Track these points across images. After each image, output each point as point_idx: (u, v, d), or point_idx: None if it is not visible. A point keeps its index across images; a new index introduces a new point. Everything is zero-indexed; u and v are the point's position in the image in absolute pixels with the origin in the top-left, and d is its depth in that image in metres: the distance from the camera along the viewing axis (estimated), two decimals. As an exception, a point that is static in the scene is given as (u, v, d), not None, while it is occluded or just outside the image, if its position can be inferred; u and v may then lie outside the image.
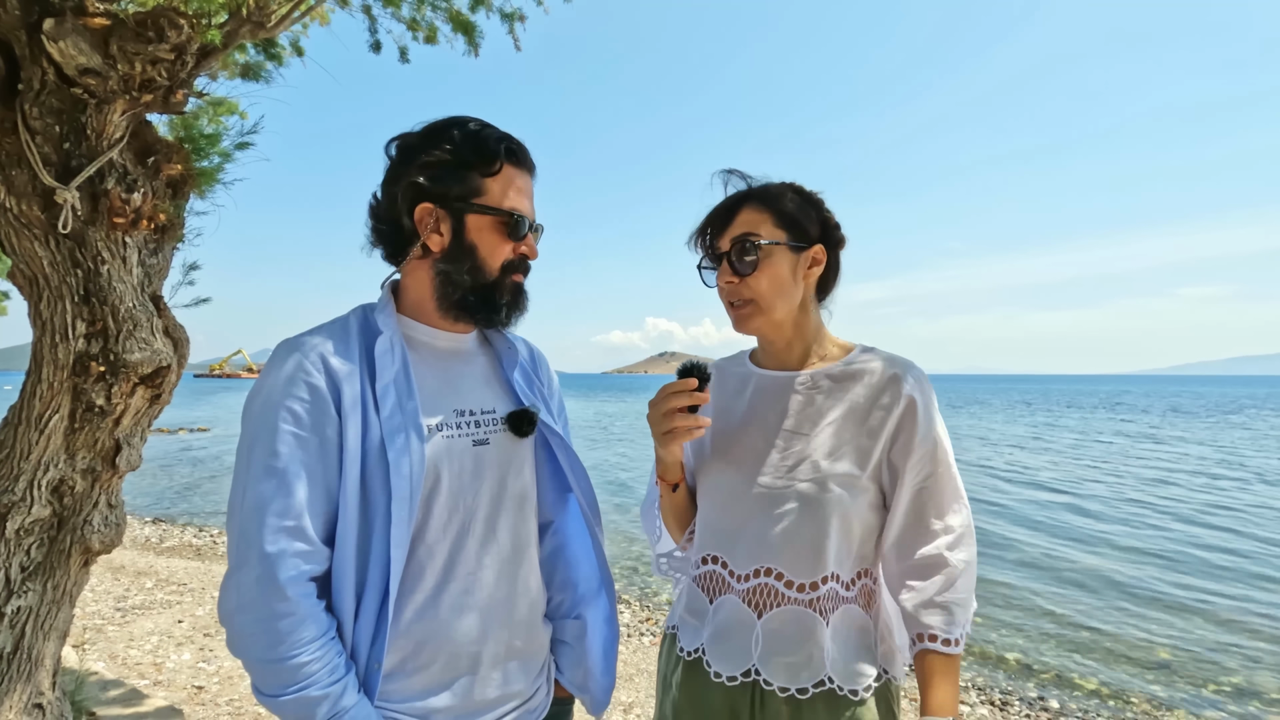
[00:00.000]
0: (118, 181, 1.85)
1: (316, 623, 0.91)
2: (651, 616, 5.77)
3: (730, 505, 1.19)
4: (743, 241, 1.15)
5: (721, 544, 1.20)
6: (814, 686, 1.10)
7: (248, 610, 0.89)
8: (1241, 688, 4.70)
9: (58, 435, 1.88)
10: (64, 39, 1.59)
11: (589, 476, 1.25)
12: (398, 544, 0.96)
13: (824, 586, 1.12)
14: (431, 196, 1.06)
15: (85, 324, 1.85)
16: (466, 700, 1.04)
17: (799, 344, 1.24)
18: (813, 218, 1.19)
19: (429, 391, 1.07)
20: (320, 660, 0.90)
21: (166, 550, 7.64)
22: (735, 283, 1.16)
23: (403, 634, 1.00)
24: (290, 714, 0.90)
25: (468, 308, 1.10)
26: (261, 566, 0.89)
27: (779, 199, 1.18)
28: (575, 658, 1.22)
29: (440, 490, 1.03)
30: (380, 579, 0.96)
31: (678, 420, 1.09)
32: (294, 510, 0.92)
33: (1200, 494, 12.25)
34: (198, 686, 3.60)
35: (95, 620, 4.69)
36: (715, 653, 1.16)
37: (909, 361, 1.18)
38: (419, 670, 1.02)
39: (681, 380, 1.10)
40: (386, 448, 0.97)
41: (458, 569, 1.05)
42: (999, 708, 4.30)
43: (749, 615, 1.14)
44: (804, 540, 1.11)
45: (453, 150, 1.05)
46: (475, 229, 1.07)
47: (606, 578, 1.26)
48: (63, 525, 1.96)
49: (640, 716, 3.67)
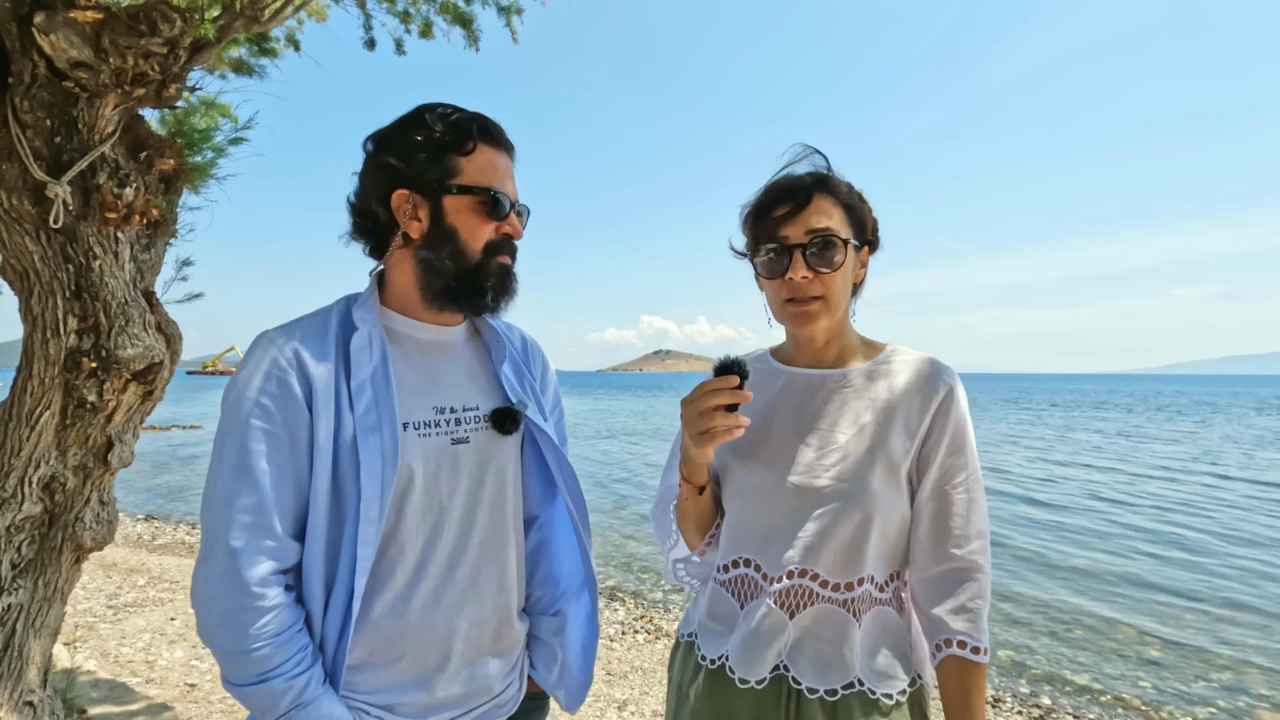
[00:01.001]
0: (109, 176, 1.84)
1: (280, 617, 0.92)
2: (646, 614, 5.77)
3: (763, 506, 1.15)
4: (826, 237, 1.09)
5: (754, 546, 1.15)
6: (844, 688, 1.06)
7: (213, 603, 0.91)
8: (1230, 683, 4.75)
9: (49, 432, 1.87)
10: (55, 32, 1.58)
11: (576, 474, 1.23)
12: (365, 543, 0.96)
13: (859, 588, 1.09)
14: (406, 182, 1.04)
15: (77, 320, 1.84)
16: (433, 694, 1.05)
17: (836, 344, 1.20)
18: (868, 218, 1.17)
19: (408, 388, 1.06)
20: (284, 653, 0.91)
21: (159, 548, 7.61)
22: (810, 278, 1.10)
23: (371, 629, 1.00)
24: (255, 703, 0.92)
25: (452, 295, 1.08)
26: (227, 561, 0.90)
27: (849, 195, 1.14)
28: (550, 654, 1.21)
29: (414, 489, 1.02)
30: (349, 576, 0.96)
31: (716, 419, 1.02)
32: (261, 506, 0.92)
33: (1184, 492, 12.35)
34: (190, 684, 3.59)
35: (87, 618, 4.66)
36: (742, 659, 1.12)
37: (942, 361, 1.15)
38: (387, 664, 1.02)
39: (721, 377, 1.02)
40: (359, 446, 0.97)
41: (429, 568, 1.05)
42: (991, 704, 4.32)
43: (781, 617, 1.10)
44: (843, 540, 1.08)
45: (424, 133, 1.03)
46: (454, 211, 1.04)
47: (590, 576, 1.25)
48: (54, 522, 1.95)
49: (634, 714, 3.68)
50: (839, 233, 1.10)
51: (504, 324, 1.27)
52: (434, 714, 1.06)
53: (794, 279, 1.10)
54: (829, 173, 1.15)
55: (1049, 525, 9.55)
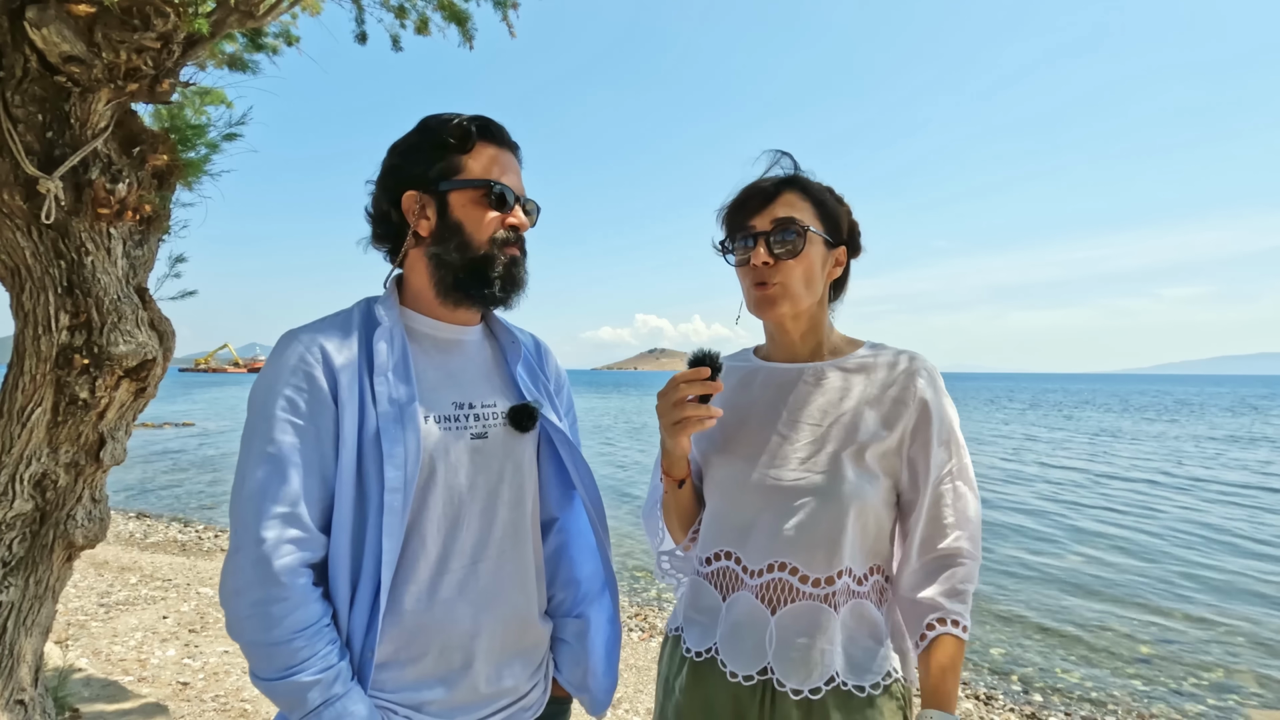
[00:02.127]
0: (102, 171, 1.82)
1: (310, 609, 0.92)
2: (640, 612, 5.78)
3: (741, 499, 1.17)
4: (787, 223, 1.14)
5: (733, 539, 1.18)
6: (825, 685, 1.08)
7: (243, 594, 0.91)
8: (1221, 682, 4.78)
9: (40, 429, 1.85)
10: (47, 26, 1.56)
11: (594, 475, 1.24)
12: (390, 534, 0.97)
13: (839, 581, 1.10)
14: (414, 183, 1.09)
15: (69, 316, 1.82)
16: (459, 693, 1.05)
17: (811, 338, 1.23)
18: (845, 220, 1.21)
19: (428, 383, 1.08)
20: (312, 647, 0.91)
21: (151, 546, 7.56)
22: (770, 264, 1.14)
23: (396, 624, 1.00)
24: (283, 698, 0.91)
25: (461, 287, 1.10)
26: (257, 551, 0.90)
27: (820, 192, 1.19)
28: (575, 656, 1.21)
29: (435, 482, 1.04)
30: (374, 568, 0.97)
31: (689, 410, 1.06)
32: (289, 497, 0.93)
33: (1179, 495, 12.43)
34: (183, 683, 3.57)
35: (78, 616, 4.63)
36: (730, 650, 1.14)
37: (920, 355, 1.17)
38: (412, 661, 1.02)
39: (693, 369, 1.07)
40: (381, 438, 0.98)
41: (452, 561, 1.05)
42: (983, 702, 4.34)
43: (762, 612, 1.12)
44: (820, 534, 1.10)
45: (428, 135, 1.10)
46: (459, 205, 1.09)
47: (610, 577, 1.26)
48: (45, 520, 1.94)
49: (628, 712, 3.68)
50: (802, 222, 1.14)
51: (517, 327, 1.29)
52: (461, 714, 1.06)
53: (755, 264, 1.15)
54: (797, 172, 1.21)
55: (1037, 525, 9.60)
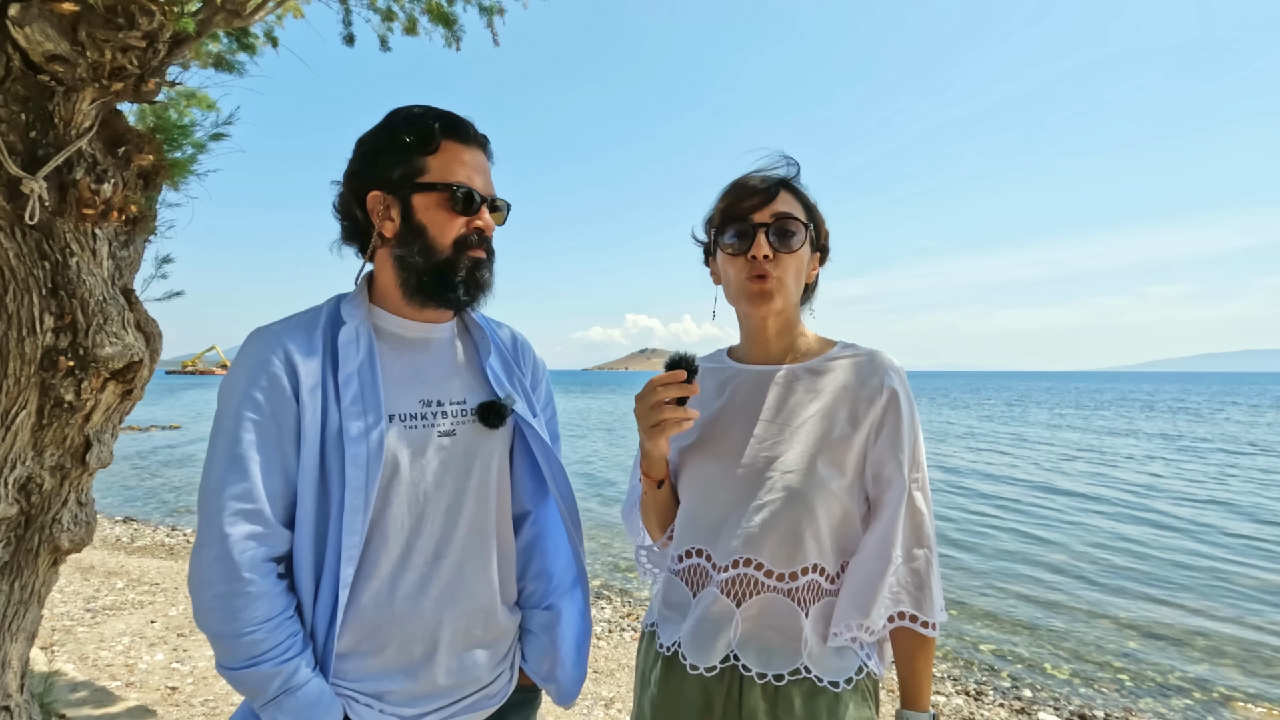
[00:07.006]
0: (87, 172, 1.81)
1: (271, 603, 0.95)
2: (632, 612, 5.79)
3: (712, 497, 1.20)
4: (789, 219, 1.16)
5: (704, 536, 1.20)
6: (790, 674, 1.10)
7: (206, 587, 0.94)
8: (1206, 674, 4.84)
9: (25, 432, 1.83)
10: (30, 24, 1.55)
11: (566, 471, 1.25)
12: (350, 531, 0.98)
13: (804, 577, 1.13)
14: (378, 183, 1.08)
15: (53, 318, 1.80)
16: (420, 684, 1.07)
17: (785, 338, 1.25)
18: (822, 227, 1.25)
19: (395, 382, 1.09)
20: (273, 638, 0.94)
21: (138, 550, 7.49)
22: (771, 256, 1.15)
23: (358, 617, 1.02)
24: (245, 687, 0.95)
25: (425, 289, 1.10)
26: (219, 546, 0.93)
27: (809, 198, 1.23)
28: (542, 647, 1.22)
29: (399, 480, 1.05)
30: (335, 564, 0.99)
31: (666, 412, 1.08)
32: (251, 494, 0.95)
33: (1175, 483, 12.57)
34: (171, 687, 3.54)
35: (64, 621, 4.58)
36: (693, 645, 1.16)
37: (887, 356, 1.20)
38: (374, 652, 1.04)
39: (670, 372, 1.09)
40: (344, 437, 1.00)
41: (414, 558, 1.07)
42: (973, 697, 4.38)
43: (728, 606, 1.15)
44: (784, 530, 1.12)
45: (392, 135, 1.08)
46: (422, 208, 1.08)
47: (581, 573, 1.27)
48: (30, 524, 1.91)
49: (622, 711, 3.69)
50: (801, 219, 1.17)
51: (494, 322, 1.29)
52: (422, 703, 1.07)
53: (755, 256, 1.16)
54: (798, 175, 1.24)
55: (1023, 521, 9.68)
